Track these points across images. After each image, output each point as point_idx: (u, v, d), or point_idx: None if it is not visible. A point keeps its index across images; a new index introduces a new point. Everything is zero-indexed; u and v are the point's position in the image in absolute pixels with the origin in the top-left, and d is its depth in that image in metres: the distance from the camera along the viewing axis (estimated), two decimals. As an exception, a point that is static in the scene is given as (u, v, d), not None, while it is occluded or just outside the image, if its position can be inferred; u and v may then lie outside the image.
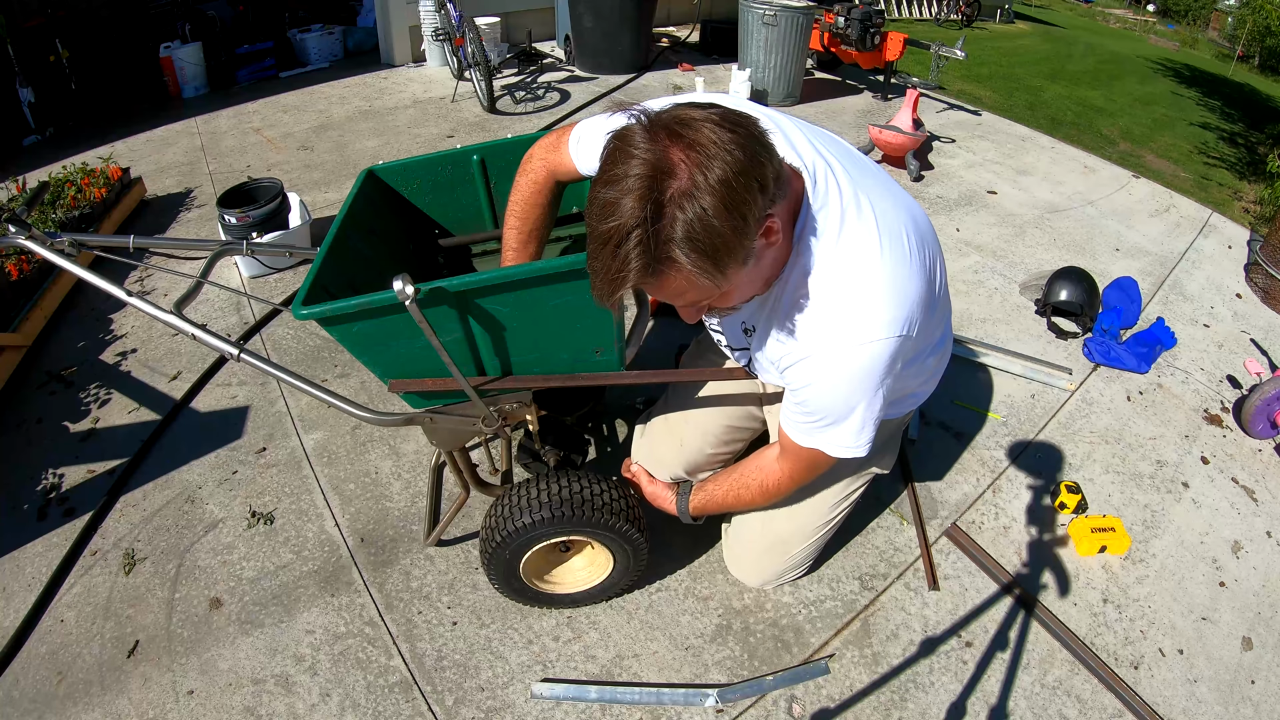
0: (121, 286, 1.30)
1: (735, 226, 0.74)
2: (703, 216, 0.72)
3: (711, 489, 1.40)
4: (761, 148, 0.77)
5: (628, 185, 0.72)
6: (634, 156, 0.73)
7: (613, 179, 0.74)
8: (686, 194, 0.72)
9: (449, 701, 1.45)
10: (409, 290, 0.99)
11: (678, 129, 0.74)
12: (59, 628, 1.57)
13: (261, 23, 5.25)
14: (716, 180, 0.72)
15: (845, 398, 1.00)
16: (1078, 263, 3.05)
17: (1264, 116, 6.41)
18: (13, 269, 2.41)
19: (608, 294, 0.78)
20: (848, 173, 0.97)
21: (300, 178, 3.56)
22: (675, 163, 0.72)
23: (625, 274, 0.75)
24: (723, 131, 0.74)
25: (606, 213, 0.74)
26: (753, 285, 0.92)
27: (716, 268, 0.76)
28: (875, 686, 1.51)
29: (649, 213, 0.72)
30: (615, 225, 0.73)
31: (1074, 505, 1.91)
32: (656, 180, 0.72)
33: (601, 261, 0.76)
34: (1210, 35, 13.96)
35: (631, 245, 0.73)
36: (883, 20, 4.77)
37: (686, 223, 0.72)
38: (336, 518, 1.82)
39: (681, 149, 0.73)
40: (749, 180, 0.74)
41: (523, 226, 1.30)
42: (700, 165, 0.72)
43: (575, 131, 1.20)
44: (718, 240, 0.74)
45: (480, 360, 1.26)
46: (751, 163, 0.75)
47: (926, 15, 9.13)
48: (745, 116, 0.78)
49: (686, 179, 0.72)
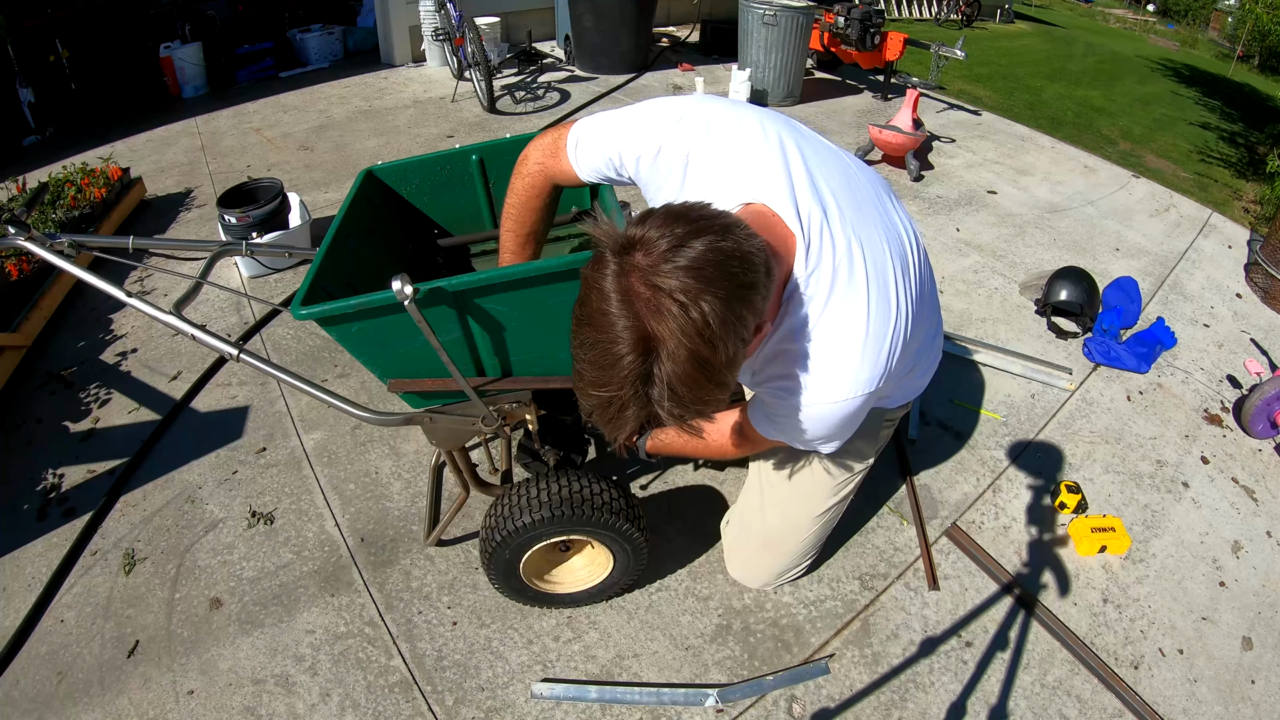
0: (121, 287, 1.30)
1: (715, 389, 0.77)
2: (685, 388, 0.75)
3: (673, 435, 1.41)
4: (744, 296, 0.76)
5: (615, 352, 0.74)
6: (614, 321, 0.74)
7: (599, 337, 0.75)
8: (666, 366, 0.74)
9: (449, 701, 1.45)
10: (408, 290, 0.99)
11: (650, 294, 0.72)
12: (59, 628, 1.57)
13: (261, 23, 5.25)
14: (690, 360, 0.74)
15: (812, 429, 1.06)
16: (1078, 263, 3.05)
17: (1264, 116, 6.41)
18: (13, 269, 2.41)
19: (611, 436, 0.83)
20: (843, 217, 0.96)
21: (300, 178, 3.56)
22: (653, 336, 0.73)
23: (622, 425, 0.80)
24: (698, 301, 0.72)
25: (598, 376, 0.76)
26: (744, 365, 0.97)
27: (702, 414, 0.80)
28: (875, 686, 1.51)
29: (638, 381, 0.75)
30: (610, 393, 0.76)
31: (1074, 505, 1.91)
32: (640, 352, 0.73)
33: (598, 411, 0.80)
34: (1210, 35, 13.95)
35: (626, 404, 0.77)
36: (883, 20, 4.77)
37: (671, 391, 0.75)
38: (336, 518, 1.82)
39: (655, 325, 0.73)
40: (727, 346, 0.75)
41: (520, 229, 1.29)
42: (675, 345, 0.73)
43: (572, 135, 1.16)
44: (700, 404, 0.77)
45: (479, 360, 1.26)
46: (731, 326, 0.74)
47: (926, 15, 9.13)
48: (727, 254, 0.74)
49: (667, 354, 0.73)
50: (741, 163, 0.96)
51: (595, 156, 1.12)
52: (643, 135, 1.04)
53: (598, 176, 1.15)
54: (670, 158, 1.01)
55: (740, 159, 0.96)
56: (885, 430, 1.43)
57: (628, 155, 1.06)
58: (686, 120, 1.01)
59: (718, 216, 0.78)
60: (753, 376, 1.10)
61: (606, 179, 1.16)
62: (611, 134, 1.09)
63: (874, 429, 1.39)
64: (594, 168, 1.13)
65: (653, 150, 1.03)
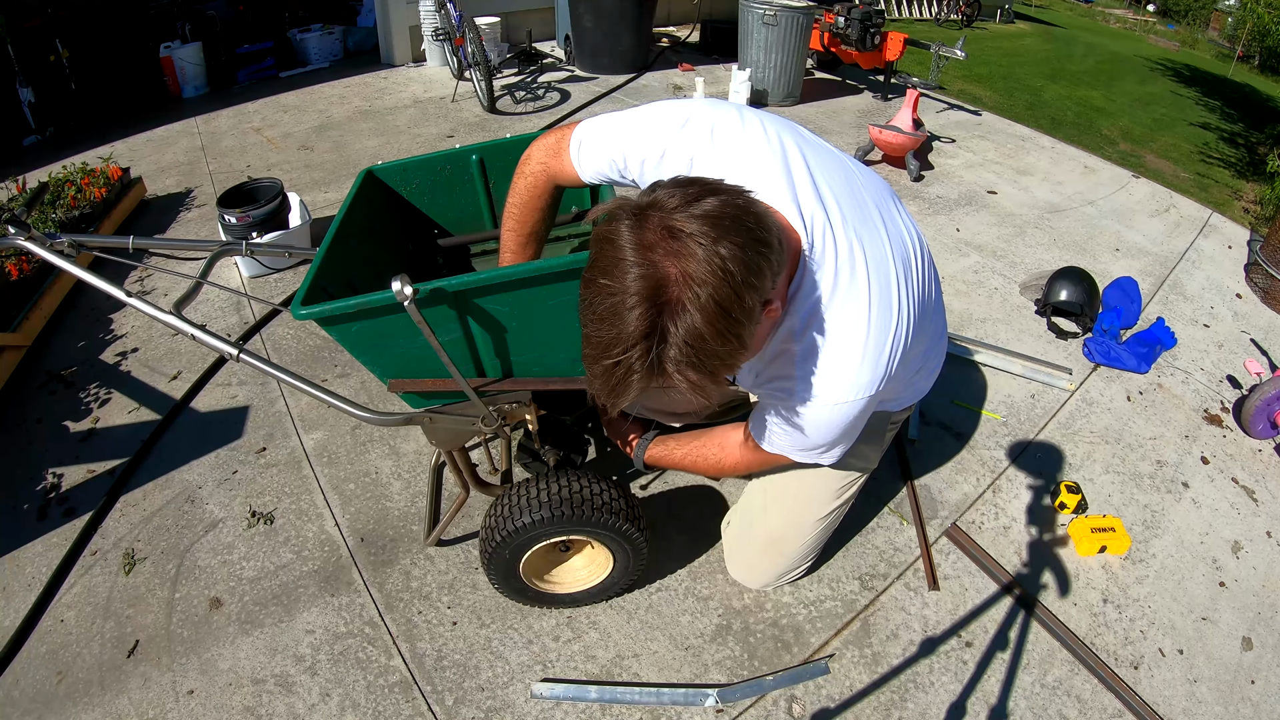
0: (121, 287, 1.30)
1: (731, 347, 0.75)
2: (700, 341, 0.73)
3: (672, 447, 1.41)
4: (759, 250, 0.75)
5: (625, 304, 0.72)
6: (627, 271, 0.72)
7: (607, 293, 0.73)
8: (682, 317, 0.72)
9: (449, 701, 1.45)
10: (408, 291, 0.99)
11: (669, 239, 0.72)
12: (59, 628, 1.57)
13: (261, 22, 5.25)
14: (711, 306, 0.71)
15: (814, 435, 1.06)
16: (1078, 263, 3.05)
17: (1264, 116, 6.41)
18: (13, 269, 2.41)
19: (609, 400, 0.80)
20: (845, 220, 0.96)
21: (300, 178, 3.56)
22: (669, 282, 0.71)
23: (625, 389, 0.77)
24: (716, 244, 0.71)
25: (604, 334, 0.74)
26: (754, 355, 0.96)
27: (714, 379, 0.77)
28: (875, 686, 1.51)
29: (647, 336, 0.72)
30: (616, 354, 0.74)
31: (1074, 505, 1.91)
32: (652, 302, 0.71)
33: (601, 376, 0.77)
34: (1210, 35, 13.95)
35: (632, 365, 0.74)
36: (883, 20, 4.77)
37: (684, 345, 0.72)
38: (336, 518, 1.82)
39: (675, 266, 0.71)
40: (746, 296, 0.74)
41: (521, 229, 1.29)
42: (694, 289, 0.71)
43: (576, 135, 1.16)
44: (715, 360, 0.75)
45: (479, 360, 1.26)
46: (749, 275, 0.73)
47: (926, 15, 9.13)
48: (742, 209, 0.75)
49: (681, 302, 0.71)
50: (745, 166, 0.96)
51: (598, 158, 1.12)
52: (647, 138, 1.04)
53: (600, 178, 1.16)
54: (674, 161, 1.02)
55: (743, 163, 0.97)
56: (889, 432, 1.43)
57: (632, 158, 1.07)
58: (691, 124, 1.01)
59: (727, 183, 0.79)
60: (755, 378, 1.10)
61: (609, 180, 1.16)
62: (615, 136, 1.09)
63: (879, 431, 1.39)
64: (596, 169, 1.13)
65: (657, 153, 1.03)
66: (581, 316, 0.79)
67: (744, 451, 1.26)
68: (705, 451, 1.35)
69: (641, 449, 1.47)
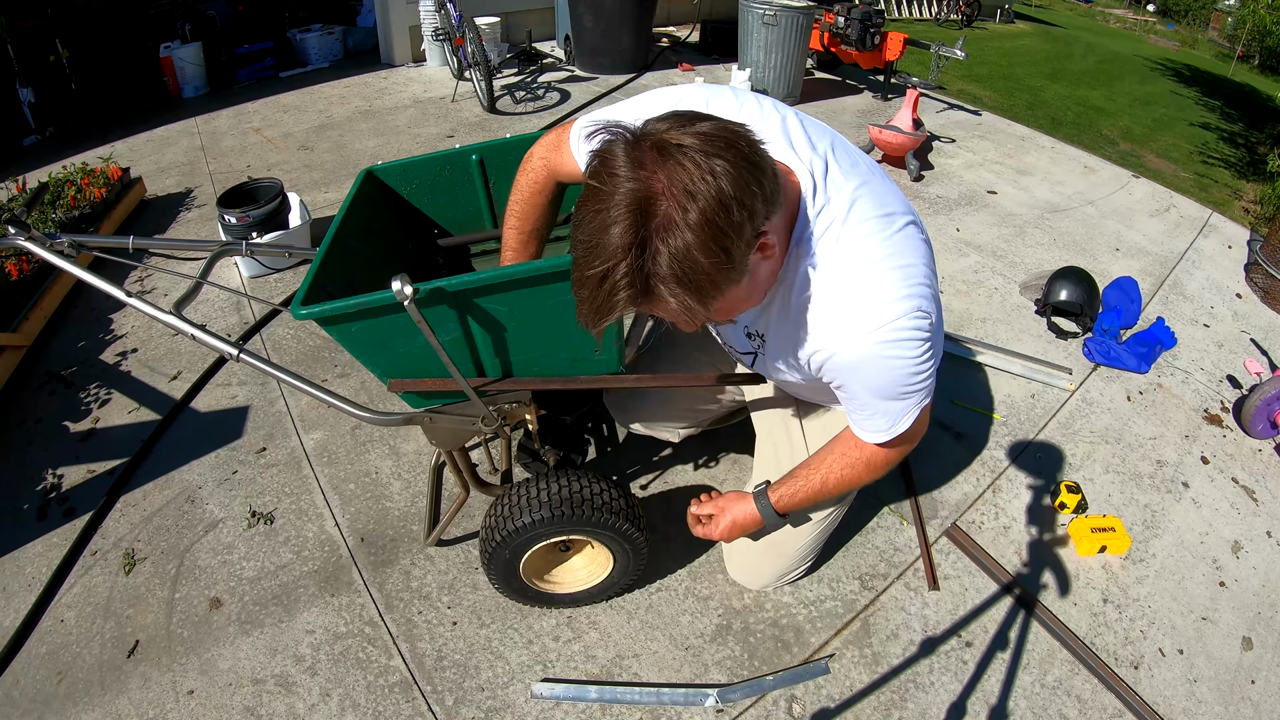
0: (121, 287, 1.30)
1: (718, 263, 0.73)
2: (686, 254, 0.71)
3: (798, 485, 1.26)
4: (751, 171, 0.75)
5: (612, 216, 0.71)
6: (618, 185, 0.71)
7: (596, 208, 0.73)
8: (670, 227, 0.71)
9: (449, 701, 1.45)
10: (407, 290, 0.99)
11: (661, 155, 0.72)
12: (59, 628, 1.57)
13: (261, 23, 5.25)
14: (699, 214, 0.71)
15: (878, 386, 0.99)
16: (1078, 263, 3.05)
17: (1264, 116, 6.41)
18: (13, 269, 2.41)
19: (594, 322, 0.78)
20: (843, 172, 0.96)
21: (300, 178, 3.56)
22: (658, 195, 0.71)
23: (613, 304, 0.75)
24: (709, 159, 0.71)
25: (591, 247, 0.73)
26: (748, 299, 0.92)
27: (702, 300, 0.76)
28: (875, 686, 1.51)
29: (634, 248, 0.71)
30: (601, 265, 0.72)
31: (1074, 505, 1.91)
32: (640, 213, 0.71)
33: (589, 290, 0.75)
34: (1210, 35, 13.95)
35: (618, 279, 0.72)
36: (883, 20, 4.77)
37: (671, 258, 0.71)
38: (336, 518, 1.82)
39: (665, 178, 0.71)
40: (734, 211, 0.72)
41: (522, 227, 1.29)
42: (682, 201, 0.70)
43: (576, 129, 1.17)
44: (702, 276, 0.73)
45: (479, 360, 1.26)
46: (739, 192, 0.73)
47: (926, 15, 9.13)
48: (736, 133, 0.76)
49: (669, 212, 0.71)
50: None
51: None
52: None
53: None
54: None
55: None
56: None
57: None
58: (685, 100, 1.03)
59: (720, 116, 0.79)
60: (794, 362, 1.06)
61: None
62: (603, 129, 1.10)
63: None
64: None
65: None
66: (572, 236, 0.77)
67: (865, 451, 1.16)
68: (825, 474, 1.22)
69: (765, 504, 1.30)
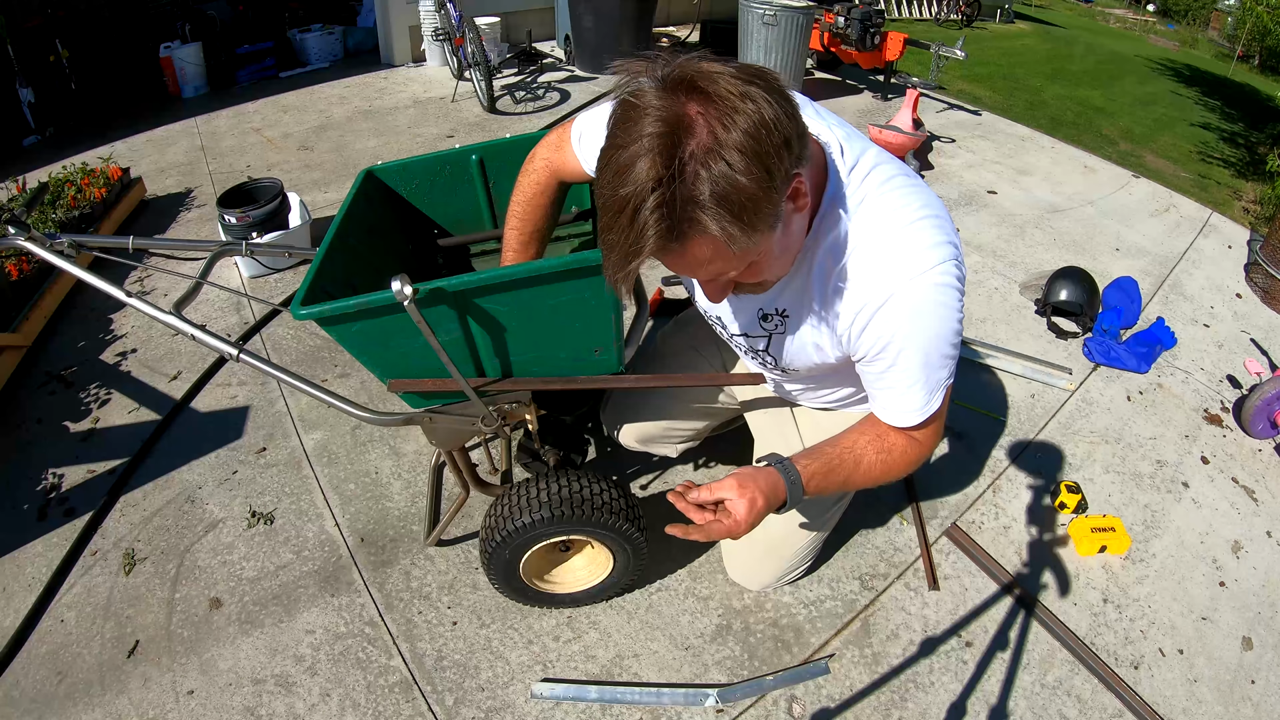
0: (121, 287, 1.31)
1: (762, 183, 0.68)
2: (728, 174, 0.66)
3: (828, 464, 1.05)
4: (785, 101, 0.71)
5: (643, 146, 0.66)
6: (647, 115, 0.67)
7: (625, 141, 0.68)
8: (709, 150, 0.66)
9: (449, 701, 1.45)
10: (407, 291, 0.99)
11: (694, 83, 0.68)
12: (59, 628, 1.57)
13: (261, 22, 5.25)
14: (741, 134, 0.66)
15: (929, 338, 0.92)
16: (1078, 263, 3.05)
17: (1264, 116, 6.40)
18: (13, 269, 2.41)
19: (623, 265, 0.71)
20: (861, 141, 0.96)
21: (300, 178, 3.56)
22: (693, 118, 0.66)
23: (644, 242, 0.68)
24: (742, 84, 0.68)
25: (621, 178, 0.67)
26: (779, 258, 0.85)
27: (746, 229, 0.70)
28: (875, 686, 1.51)
29: (670, 173, 0.65)
30: (632, 190, 0.66)
31: (1074, 505, 1.91)
32: (675, 137, 0.66)
33: (618, 232, 0.69)
34: (1210, 35, 13.95)
35: (650, 209, 0.66)
36: (883, 20, 4.77)
37: (712, 180, 0.66)
38: (336, 518, 1.82)
39: (699, 103, 0.67)
40: (774, 134, 0.68)
41: (524, 227, 1.30)
42: (721, 120, 0.66)
43: (576, 127, 1.16)
44: (745, 198, 0.67)
45: (479, 360, 1.26)
46: (776, 116, 0.69)
47: (926, 15, 9.13)
48: (764, 70, 0.73)
49: (707, 134, 0.66)
50: None
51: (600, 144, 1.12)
52: None
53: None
54: None
55: None
56: None
57: None
58: None
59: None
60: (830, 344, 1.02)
61: None
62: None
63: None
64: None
65: None
66: (597, 180, 0.72)
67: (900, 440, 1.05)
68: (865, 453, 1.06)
69: (794, 478, 1.03)
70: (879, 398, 1.04)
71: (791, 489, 1.02)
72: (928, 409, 1.00)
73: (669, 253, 0.73)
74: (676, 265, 0.77)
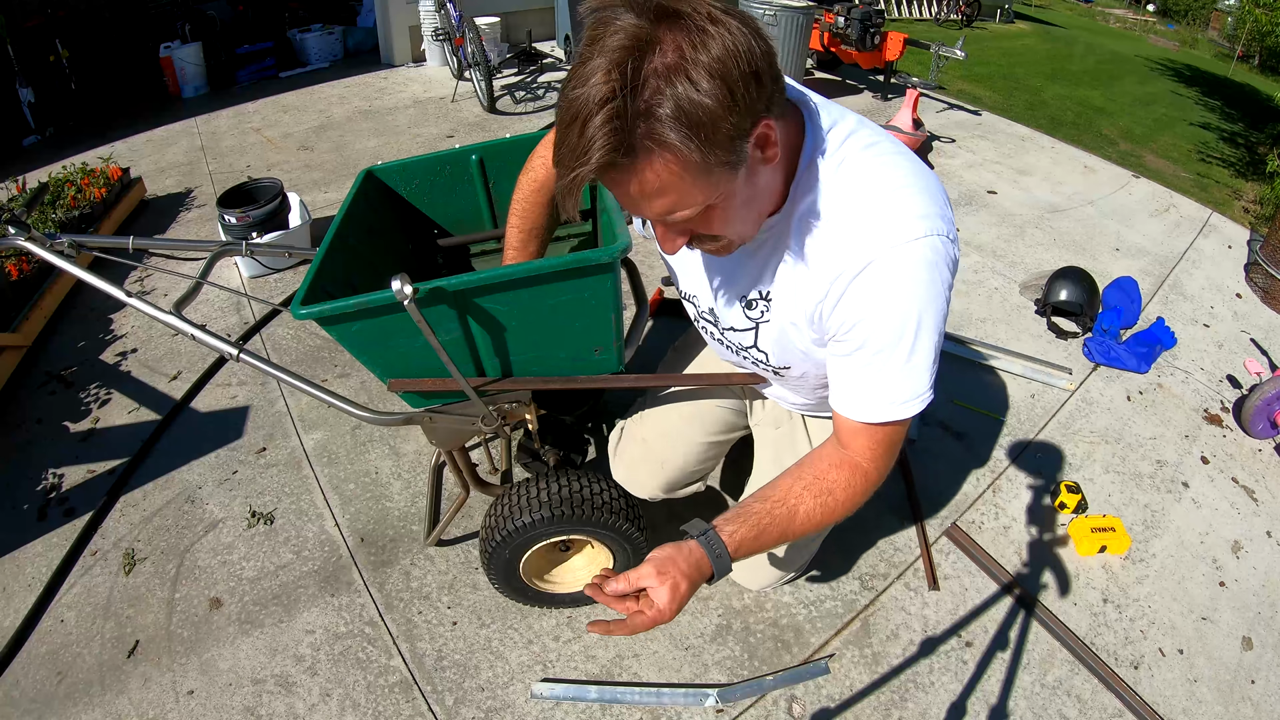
0: (121, 287, 1.31)
1: (725, 105, 0.65)
2: (690, 93, 0.64)
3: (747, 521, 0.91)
4: (760, 39, 0.68)
5: (606, 59, 0.63)
6: (616, 32, 0.64)
7: (589, 55, 0.65)
8: (673, 67, 0.64)
9: (449, 701, 1.45)
10: (407, 290, 0.99)
11: (669, 6, 0.66)
12: (59, 628, 1.57)
13: (261, 23, 5.25)
14: (709, 58, 0.64)
15: (906, 315, 0.83)
16: (1078, 263, 3.05)
17: (1264, 116, 6.40)
18: (13, 269, 2.41)
19: (569, 176, 0.67)
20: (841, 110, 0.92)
21: (300, 178, 3.56)
22: (662, 36, 0.64)
23: (592, 152, 0.65)
24: (720, 12, 0.66)
25: (577, 87, 0.65)
26: (746, 213, 0.81)
27: (703, 151, 0.66)
28: (875, 686, 1.51)
29: (630, 85, 0.63)
30: (584, 94, 0.64)
31: (1074, 505, 1.91)
32: (640, 51, 0.64)
33: (569, 140, 0.66)
34: (1210, 35, 13.95)
35: (603, 120, 0.63)
36: (883, 20, 4.77)
37: (674, 96, 0.64)
38: (336, 518, 1.82)
39: (669, 25, 0.65)
40: (743, 62, 0.66)
41: (524, 225, 1.30)
42: (691, 40, 0.64)
43: None
44: (706, 116, 0.65)
45: (479, 360, 1.26)
46: (750, 47, 0.66)
47: (926, 15, 9.13)
48: (743, 11, 0.71)
49: (674, 53, 0.64)
50: None
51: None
52: None
53: None
54: None
55: None
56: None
57: None
58: None
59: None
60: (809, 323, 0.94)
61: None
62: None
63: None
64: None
65: None
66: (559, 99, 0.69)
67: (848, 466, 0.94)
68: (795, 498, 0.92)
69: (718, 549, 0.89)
70: (841, 388, 0.93)
71: (717, 562, 0.89)
72: (894, 406, 0.88)
73: (618, 169, 0.68)
74: (626, 193, 0.73)
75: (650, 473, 1.50)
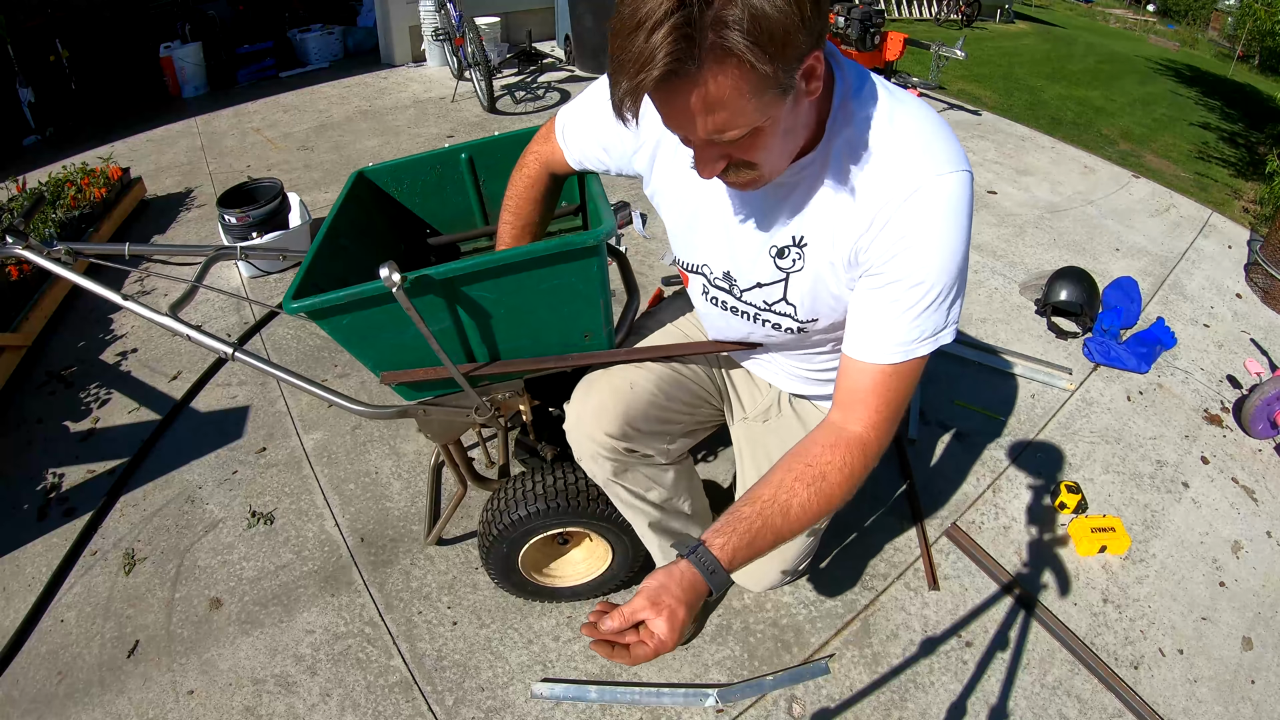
0: (118, 290, 1.31)
1: (794, 20, 0.65)
2: (763, 4, 0.63)
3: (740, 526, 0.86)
4: None
5: None
6: None
7: None
8: None
9: (449, 701, 1.45)
10: (395, 277, 0.99)
11: None
12: (59, 628, 1.58)
13: (261, 22, 5.26)
14: None
15: (943, 243, 0.84)
16: (1078, 263, 3.05)
17: (1264, 116, 6.40)
18: (13, 270, 2.41)
19: (629, 84, 0.65)
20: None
21: (300, 178, 3.56)
22: None
23: (657, 59, 0.63)
24: None
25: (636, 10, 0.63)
26: (784, 142, 0.80)
27: (772, 63, 0.66)
28: (875, 686, 1.51)
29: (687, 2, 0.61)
30: (651, 7, 0.62)
31: (1074, 505, 1.91)
32: None
33: (631, 48, 0.63)
34: (1210, 35, 13.95)
35: (671, 26, 0.62)
36: (883, 20, 4.77)
37: (745, 5, 0.62)
38: (336, 518, 1.82)
39: None
40: None
41: (516, 220, 1.30)
42: None
43: (560, 118, 1.17)
44: (777, 28, 0.64)
45: (469, 348, 1.26)
46: None
47: (926, 15, 9.13)
48: None
49: None
50: None
51: (582, 133, 1.13)
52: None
53: (585, 159, 1.17)
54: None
55: None
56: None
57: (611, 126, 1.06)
58: None
59: None
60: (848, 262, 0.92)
61: (596, 160, 1.17)
62: (595, 105, 1.11)
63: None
64: (581, 148, 1.16)
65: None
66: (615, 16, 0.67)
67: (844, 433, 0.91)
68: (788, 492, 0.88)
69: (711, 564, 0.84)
70: (864, 327, 0.90)
71: (712, 579, 0.84)
72: (921, 342, 0.88)
73: (681, 78, 0.66)
74: (684, 106, 0.70)
75: (614, 390, 1.24)
